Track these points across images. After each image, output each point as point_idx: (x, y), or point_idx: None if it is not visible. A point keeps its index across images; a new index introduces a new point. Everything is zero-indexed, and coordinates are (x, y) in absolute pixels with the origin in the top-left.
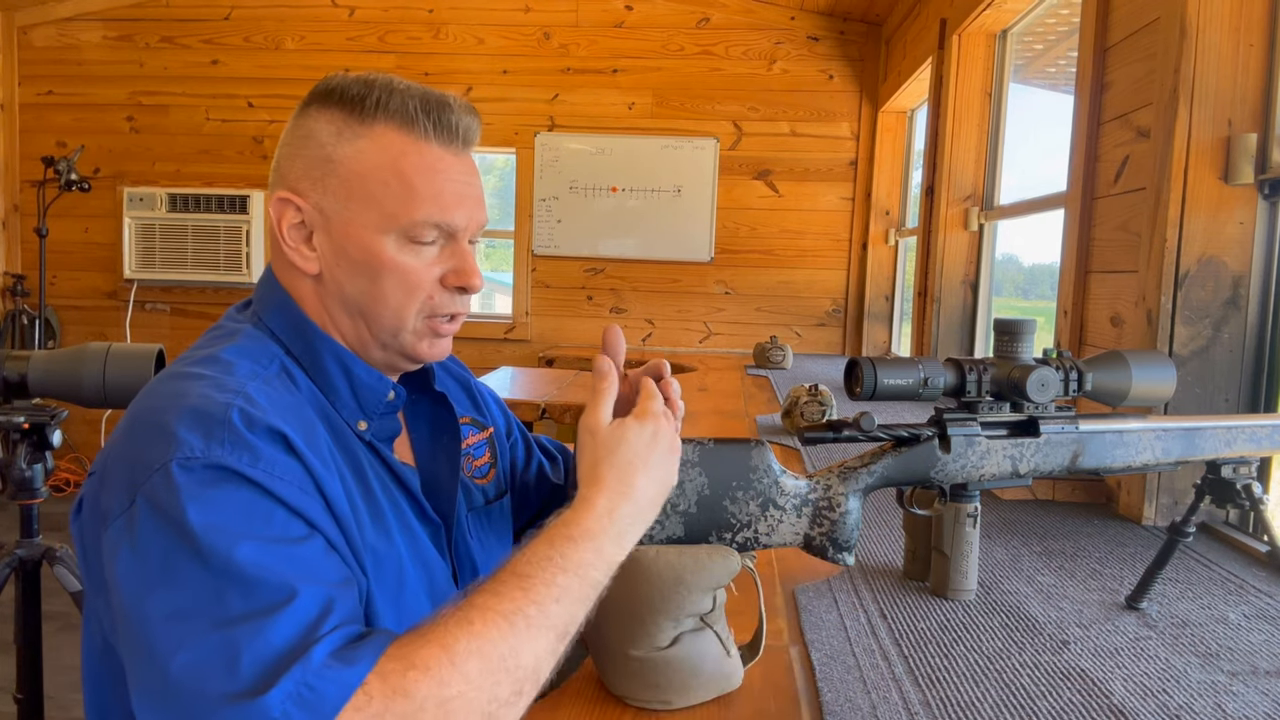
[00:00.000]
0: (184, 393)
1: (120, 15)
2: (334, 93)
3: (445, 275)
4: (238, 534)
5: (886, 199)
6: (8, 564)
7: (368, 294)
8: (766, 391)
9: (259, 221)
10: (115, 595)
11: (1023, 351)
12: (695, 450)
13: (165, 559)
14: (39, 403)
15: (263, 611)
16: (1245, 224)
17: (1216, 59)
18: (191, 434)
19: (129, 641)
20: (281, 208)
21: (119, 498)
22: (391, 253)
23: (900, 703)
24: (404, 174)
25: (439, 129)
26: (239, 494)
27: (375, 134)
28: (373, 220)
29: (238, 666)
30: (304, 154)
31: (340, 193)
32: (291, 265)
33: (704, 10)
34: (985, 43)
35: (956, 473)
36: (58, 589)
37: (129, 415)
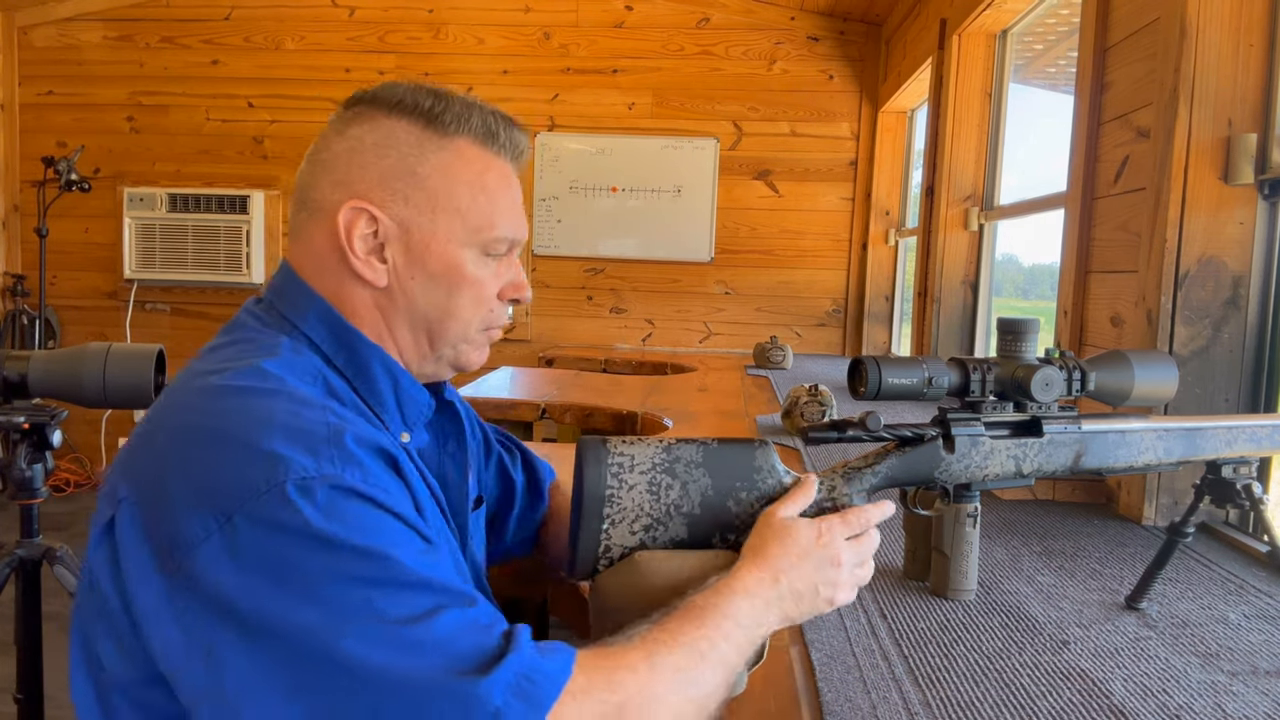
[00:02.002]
0: (258, 409)
1: (120, 15)
2: (407, 103)
3: (504, 288)
4: (383, 544)
5: (886, 199)
6: (8, 564)
7: (440, 307)
8: (766, 391)
9: (259, 221)
10: (216, 618)
11: (1026, 351)
12: (699, 450)
13: (305, 573)
14: (39, 403)
15: (445, 607)
16: (1245, 224)
17: (1216, 59)
18: (296, 452)
19: (255, 661)
20: (353, 217)
21: (199, 521)
22: (471, 267)
23: (900, 703)
24: (488, 188)
25: (509, 145)
26: (363, 509)
27: (457, 148)
28: (457, 234)
29: (445, 649)
30: (380, 164)
31: (424, 205)
32: (353, 275)
33: (704, 10)
34: (985, 43)
35: (960, 473)
36: (58, 589)
37: (178, 432)
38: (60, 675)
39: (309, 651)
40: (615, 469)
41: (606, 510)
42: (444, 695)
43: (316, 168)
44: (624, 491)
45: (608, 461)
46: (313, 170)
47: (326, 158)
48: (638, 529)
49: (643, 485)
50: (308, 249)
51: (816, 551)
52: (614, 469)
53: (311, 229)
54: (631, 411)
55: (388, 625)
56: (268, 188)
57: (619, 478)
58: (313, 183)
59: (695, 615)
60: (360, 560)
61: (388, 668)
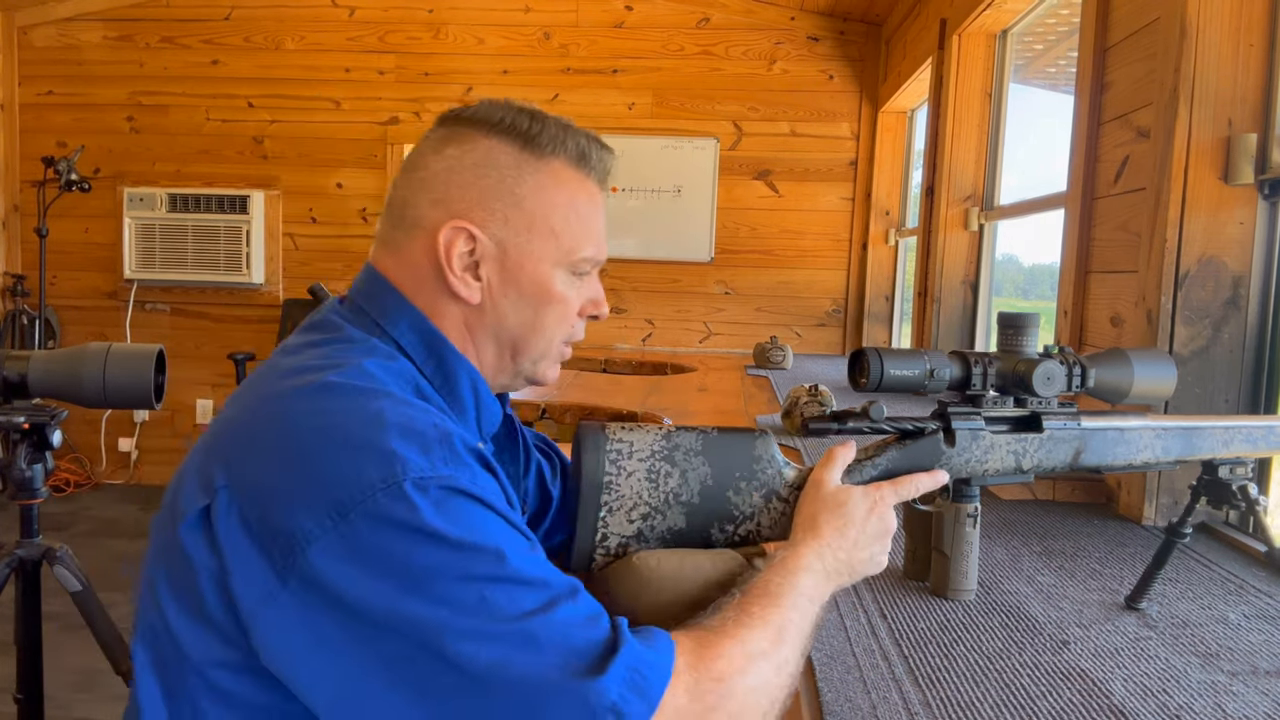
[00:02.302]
0: (370, 408)
1: (120, 15)
2: (504, 124)
3: (584, 305)
4: (494, 542)
5: (886, 199)
6: (8, 564)
7: (529, 324)
8: (766, 391)
9: (259, 221)
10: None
11: (1027, 346)
12: (699, 439)
13: (419, 567)
14: (39, 403)
15: (556, 599)
16: (1245, 224)
17: (1216, 59)
18: (411, 452)
19: (377, 650)
20: (454, 236)
21: (313, 518)
22: (560, 286)
23: (900, 703)
24: (580, 211)
25: (599, 167)
26: (473, 508)
27: (552, 169)
28: (550, 254)
29: (562, 647)
30: (480, 184)
31: (523, 226)
32: (447, 291)
33: (704, 10)
34: (985, 43)
35: (961, 467)
36: (58, 589)
37: (285, 427)
38: (60, 675)
39: (426, 648)
40: (614, 455)
41: (604, 497)
42: (563, 693)
43: (414, 184)
44: (622, 479)
45: (606, 448)
46: (409, 186)
47: (425, 175)
48: (635, 517)
49: (641, 473)
50: (402, 261)
51: (871, 523)
52: (613, 455)
53: (407, 243)
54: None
55: (504, 622)
56: (268, 187)
57: (617, 464)
58: (410, 199)
59: (773, 596)
60: (474, 558)
61: (506, 664)
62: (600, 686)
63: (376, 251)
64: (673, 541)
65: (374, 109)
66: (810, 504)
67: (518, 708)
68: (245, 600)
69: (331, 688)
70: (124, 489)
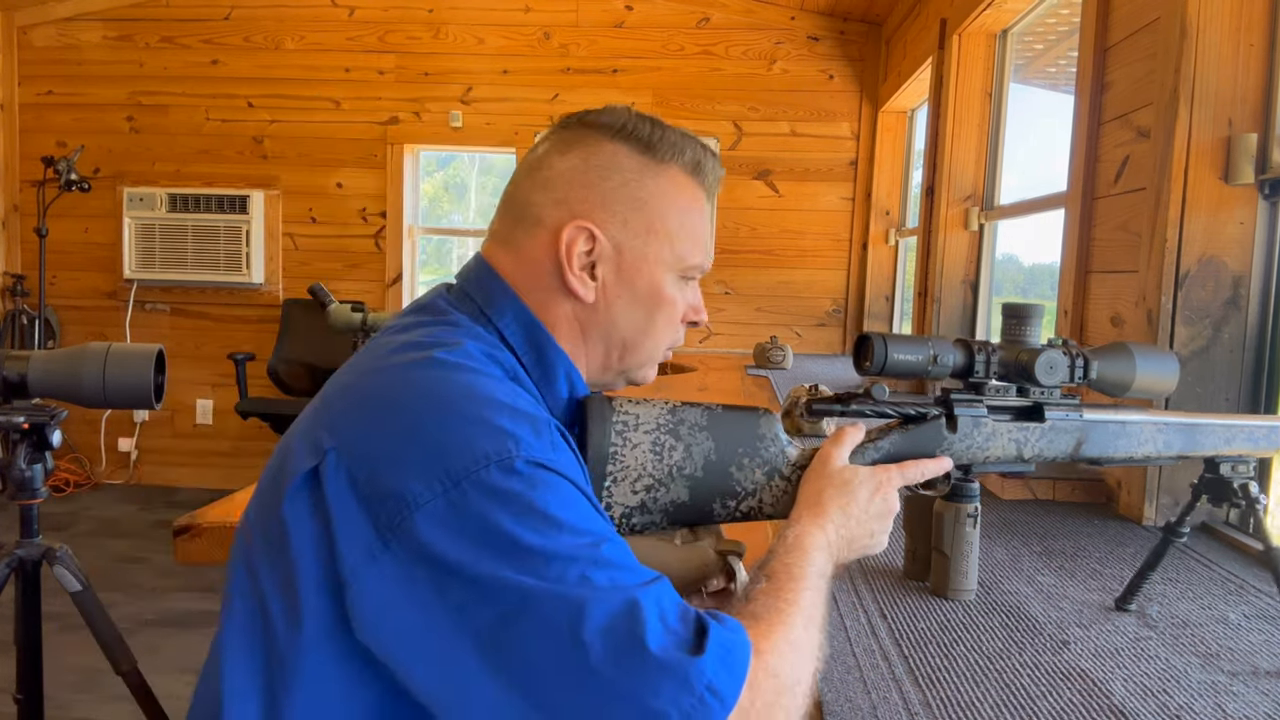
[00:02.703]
0: (481, 385)
1: (120, 15)
2: (626, 130)
3: (686, 311)
4: (592, 526)
5: (886, 199)
6: (8, 564)
7: (639, 326)
8: (766, 391)
9: (259, 221)
10: (431, 577)
11: (1030, 336)
12: (704, 414)
13: (526, 542)
14: (39, 403)
15: (650, 583)
16: (1245, 224)
17: (1216, 59)
18: (523, 431)
19: (475, 618)
20: (575, 235)
21: (424, 483)
22: (671, 290)
23: (900, 703)
24: (693, 218)
25: (712, 178)
26: (573, 493)
27: (670, 176)
28: (664, 258)
29: (661, 626)
30: (602, 186)
31: (641, 229)
32: (564, 288)
33: (704, 10)
34: (985, 43)
35: (962, 453)
36: (58, 589)
37: (398, 396)
38: (60, 675)
39: (526, 618)
40: (620, 427)
41: (609, 468)
42: (665, 669)
43: (536, 184)
44: (627, 450)
45: (613, 419)
46: (532, 185)
47: (548, 175)
48: (639, 489)
49: (646, 445)
50: (519, 257)
51: (875, 503)
52: (619, 427)
53: (526, 240)
54: None
55: (607, 598)
56: (267, 187)
57: (623, 436)
58: (531, 198)
59: (797, 580)
60: (578, 539)
61: (608, 638)
62: (700, 665)
63: (490, 245)
64: (675, 514)
65: (374, 109)
66: (816, 480)
67: (618, 681)
68: (348, 559)
69: (423, 653)
70: (124, 489)
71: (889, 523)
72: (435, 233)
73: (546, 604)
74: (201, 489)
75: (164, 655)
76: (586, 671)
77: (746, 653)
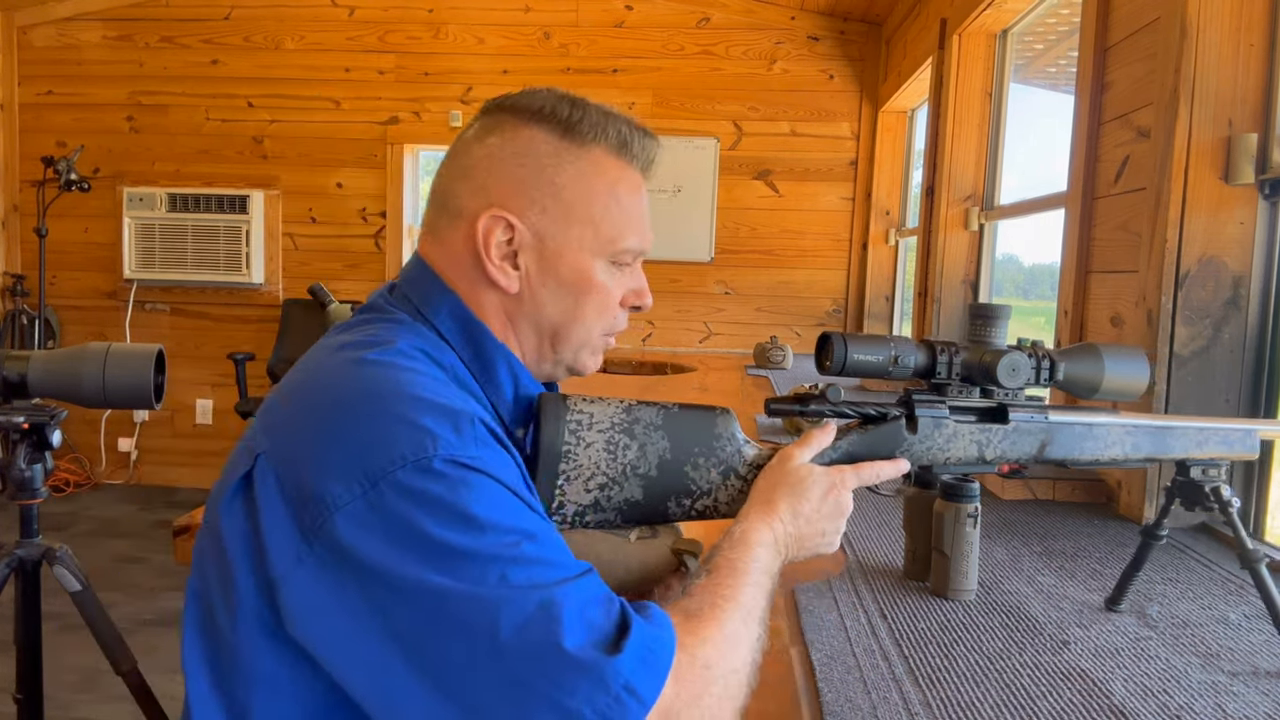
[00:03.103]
0: (406, 383)
1: (120, 15)
2: (544, 112)
3: (626, 295)
4: (514, 522)
5: (886, 199)
6: (8, 564)
7: (568, 313)
8: (766, 391)
9: (259, 221)
10: (351, 579)
11: (996, 337)
12: (659, 414)
13: (443, 543)
14: (39, 403)
15: (573, 579)
16: (1245, 224)
17: (1217, 59)
18: (444, 429)
19: (397, 619)
20: (492, 225)
21: (343, 485)
22: (600, 275)
23: (900, 703)
24: (620, 199)
25: (642, 155)
26: (497, 489)
27: (593, 157)
28: (588, 243)
29: (579, 626)
30: (519, 172)
31: (559, 215)
32: (486, 280)
33: (704, 10)
34: (985, 43)
35: (922, 454)
36: (58, 589)
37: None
38: (60, 675)
39: (445, 619)
40: (574, 425)
41: (562, 466)
42: (582, 668)
43: (455, 173)
44: (581, 449)
45: (566, 418)
46: (451, 175)
47: (466, 164)
48: (593, 487)
49: (600, 444)
50: (444, 250)
51: (827, 503)
52: (572, 425)
53: (449, 232)
54: None
55: (524, 598)
56: (267, 187)
57: (576, 434)
58: (452, 187)
59: (739, 574)
60: (497, 537)
61: (524, 638)
62: (617, 664)
63: (422, 239)
64: (629, 513)
65: (374, 109)
66: (770, 477)
67: (534, 681)
68: (278, 563)
69: (351, 655)
70: (124, 489)
71: (842, 523)
72: None
73: (464, 605)
74: (201, 489)
75: (164, 655)
76: (503, 672)
77: (668, 648)
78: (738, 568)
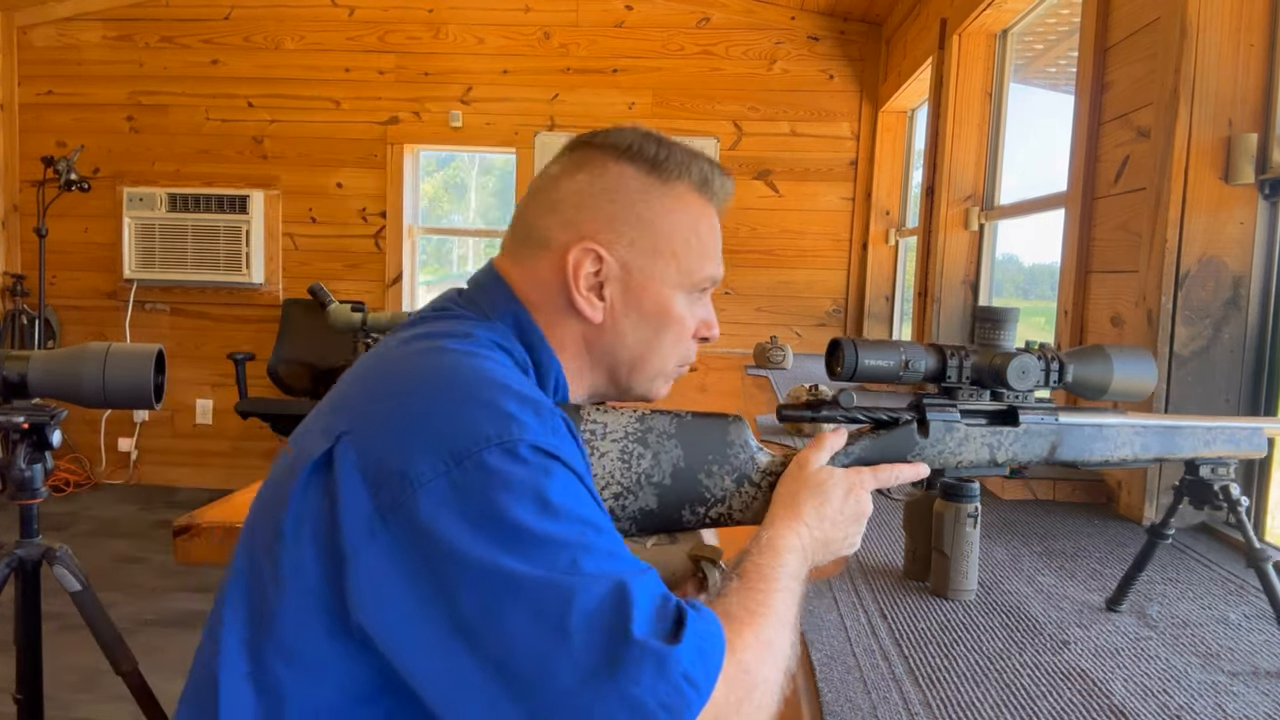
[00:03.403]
0: (489, 371)
1: (120, 15)
2: (632, 150)
3: (698, 327)
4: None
5: (886, 199)
6: (7, 564)
7: (647, 344)
8: (767, 392)
9: (259, 221)
10: (426, 554)
11: (1005, 340)
12: (672, 422)
13: (520, 525)
14: (39, 403)
15: (636, 573)
16: (1245, 224)
17: (1217, 59)
18: (528, 416)
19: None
20: (582, 257)
21: (429, 462)
22: (679, 308)
23: (900, 703)
24: (700, 234)
25: (720, 193)
26: (570, 478)
27: (677, 194)
28: (671, 277)
29: (644, 615)
30: (608, 208)
31: (646, 248)
32: (571, 309)
33: (704, 10)
34: (985, 43)
35: (934, 458)
36: (58, 589)
37: (409, 382)
38: (60, 675)
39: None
40: (587, 436)
41: None
42: (646, 654)
43: (543, 206)
44: (595, 458)
45: (580, 428)
46: (538, 207)
47: (555, 197)
48: (608, 496)
49: (614, 453)
50: (525, 274)
51: (849, 505)
52: (586, 435)
53: (533, 261)
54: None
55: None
56: (267, 187)
57: (591, 444)
58: (540, 219)
59: (770, 580)
60: (573, 526)
61: (592, 622)
62: (677, 654)
63: (503, 259)
64: (644, 521)
65: (374, 109)
66: (791, 482)
67: (600, 668)
68: (350, 539)
69: (412, 635)
70: (124, 489)
71: (863, 525)
72: (435, 233)
73: (535, 590)
74: (201, 489)
75: (164, 655)
76: (570, 657)
77: (721, 642)
78: (767, 574)
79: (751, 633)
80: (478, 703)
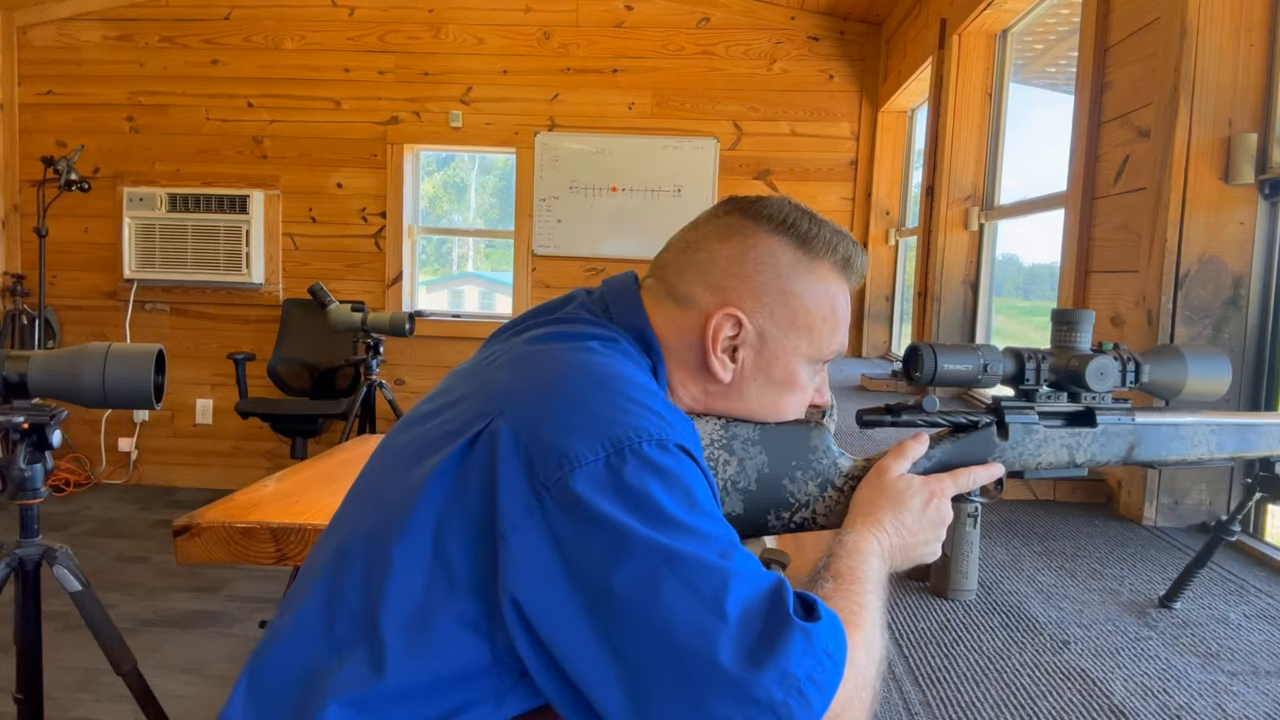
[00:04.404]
0: (633, 375)
1: (120, 15)
2: (786, 224)
3: (812, 394)
4: (720, 514)
5: (886, 199)
6: (8, 564)
7: (769, 407)
8: None
9: (259, 221)
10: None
11: (1080, 342)
12: (756, 429)
13: (673, 515)
14: (39, 403)
15: (767, 576)
16: (1245, 224)
17: (1217, 59)
18: (675, 418)
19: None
20: (724, 321)
21: (589, 446)
22: (804, 377)
23: (900, 703)
24: (836, 311)
25: (858, 273)
26: (705, 484)
27: (820, 271)
28: (803, 349)
29: (792, 597)
30: (757, 277)
31: (785, 320)
32: (704, 366)
33: (704, 10)
34: (985, 43)
35: (1014, 460)
36: (58, 589)
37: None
38: (60, 675)
39: (669, 577)
40: None
41: None
42: (803, 637)
43: (690, 266)
44: None
45: None
46: (686, 264)
47: (703, 259)
48: None
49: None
50: (667, 321)
51: (928, 513)
52: None
53: (677, 311)
54: None
55: (750, 573)
56: (267, 187)
57: None
58: (685, 274)
59: (863, 581)
60: (713, 523)
61: (750, 611)
62: (818, 630)
63: (646, 291)
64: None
65: (374, 109)
66: (871, 489)
67: (753, 640)
68: (507, 515)
69: (560, 611)
70: (124, 489)
71: (942, 531)
72: (435, 233)
73: (694, 568)
74: (201, 489)
75: (164, 655)
76: (725, 632)
77: (843, 628)
78: (859, 575)
79: (858, 633)
80: (630, 675)
